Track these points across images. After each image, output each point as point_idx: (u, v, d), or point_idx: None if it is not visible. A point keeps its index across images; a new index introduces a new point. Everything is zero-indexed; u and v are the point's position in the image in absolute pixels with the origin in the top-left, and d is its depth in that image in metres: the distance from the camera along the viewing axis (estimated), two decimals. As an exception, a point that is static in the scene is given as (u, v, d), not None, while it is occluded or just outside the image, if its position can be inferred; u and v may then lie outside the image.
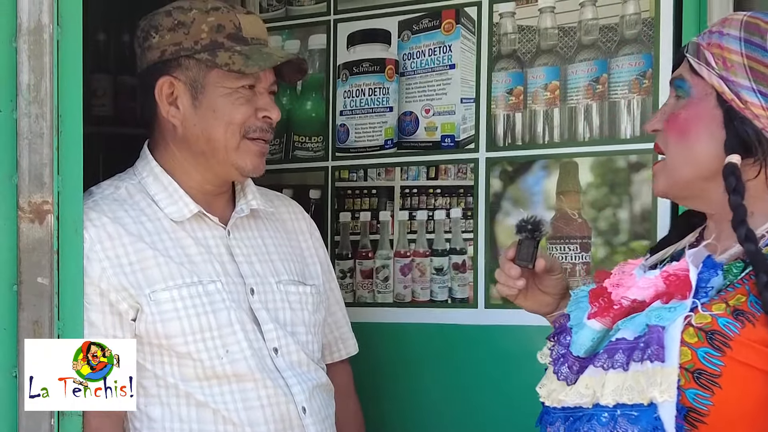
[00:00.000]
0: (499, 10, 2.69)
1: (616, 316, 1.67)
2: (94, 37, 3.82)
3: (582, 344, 1.69)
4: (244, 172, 2.27)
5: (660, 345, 1.55)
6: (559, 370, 1.70)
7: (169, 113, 2.26)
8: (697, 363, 1.55)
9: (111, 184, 2.29)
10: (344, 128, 2.90)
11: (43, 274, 2.02)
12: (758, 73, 1.67)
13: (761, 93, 1.66)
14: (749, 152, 1.67)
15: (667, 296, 1.63)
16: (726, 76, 1.68)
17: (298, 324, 2.30)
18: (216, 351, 2.18)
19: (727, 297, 1.61)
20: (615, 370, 1.60)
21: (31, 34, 2.01)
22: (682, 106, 1.74)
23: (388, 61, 2.84)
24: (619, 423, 1.58)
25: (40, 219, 2.02)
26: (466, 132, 2.73)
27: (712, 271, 1.63)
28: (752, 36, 1.69)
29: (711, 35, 1.73)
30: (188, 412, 2.17)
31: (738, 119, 1.67)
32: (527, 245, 1.88)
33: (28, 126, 2.02)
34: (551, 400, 1.70)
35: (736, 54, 1.68)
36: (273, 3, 3.01)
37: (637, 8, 2.51)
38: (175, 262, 2.19)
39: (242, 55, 2.23)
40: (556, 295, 1.94)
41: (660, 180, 1.76)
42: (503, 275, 1.92)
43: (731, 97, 1.67)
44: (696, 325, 1.57)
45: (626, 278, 1.70)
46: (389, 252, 2.83)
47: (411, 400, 2.77)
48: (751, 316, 1.57)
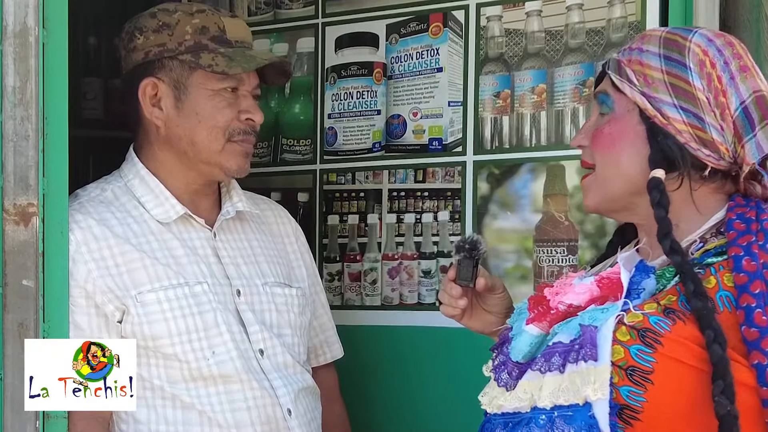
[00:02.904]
0: (487, 14, 2.69)
1: (553, 321, 1.69)
2: (85, 40, 3.82)
3: (520, 350, 1.71)
4: (229, 173, 2.27)
5: (593, 344, 1.57)
6: (499, 377, 1.72)
7: (152, 114, 2.26)
8: (629, 360, 1.57)
9: (97, 187, 2.29)
10: (332, 131, 2.90)
11: (28, 277, 2.02)
12: (679, 89, 1.70)
13: (683, 109, 1.69)
14: (673, 167, 1.70)
15: (602, 300, 1.65)
16: (648, 92, 1.71)
17: (284, 326, 2.31)
18: (202, 352, 2.18)
19: (658, 297, 1.64)
20: (552, 373, 1.62)
21: (17, 36, 2.02)
22: (606, 121, 1.76)
23: (376, 65, 2.85)
24: (557, 424, 1.59)
25: (25, 221, 2.02)
26: (453, 135, 2.73)
27: (644, 274, 1.66)
28: (671, 52, 1.71)
29: (631, 52, 1.75)
30: (174, 414, 2.17)
31: (661, 135, 1.70)
32: (466, 265, 1.91)
33: (13, 128, 2.02)
34: (492, 407, 1.71)
35: (656, 70, 1.71)
36: (261, 6, 3.01)
37: (623, 12, 2.52)
38: (161, 264, 2.20)
39: (225, 56, 2.23)
40: (500, 314, 1.95)
41: (590, 195, 1.79)
42: (446, 296, 1.94)
43: (654, 113, 1.70)
44: (628, 324, 1.59)
45: (565, 287, 1.72)
46: (377, 255, 2.84)
47: (399, 403, 2.78)
48: (681, 314, 1.60)
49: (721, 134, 1.69)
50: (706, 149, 1.69)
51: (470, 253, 1.91)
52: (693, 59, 1.70)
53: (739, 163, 1.70)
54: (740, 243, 1.63)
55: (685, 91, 1.69)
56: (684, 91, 1.69)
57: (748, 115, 1.68)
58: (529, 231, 2.64)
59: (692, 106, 1.69)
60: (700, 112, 1.69)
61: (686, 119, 1.69)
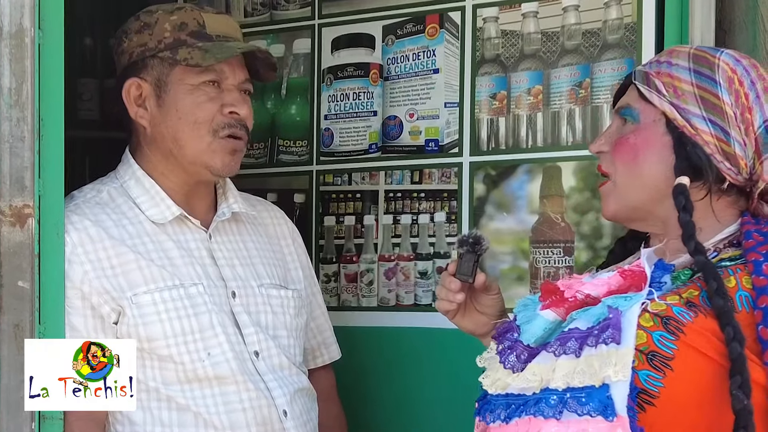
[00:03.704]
0: (483, 15, 2.69)
1: (570, 308, 1.72)
2: (81, 41, 3.82)
3: (534, 333, 1.73)
4: (215, 171, 2.26)
5: (617, 328, 1.61)
6: (506, 360, 1.73)
7: (138, 114, 2.26)
8: (651, 345, 1.62)
9: (93, 188, 2.29)
10: (329, 132, 2.90)
11: (24, 278, 2.02)
12: (709, 102, 1.75)
13: (711, 121, 1.75)
14: (699, 176, 1.75)
15: (621, 292, 1.69)
16: (677, 103, 1.77)
17: (279, 328, 2.31)
18: (198, 354, 2.18)
19: (680, 291, 1.68)
20: (567, 356, 1.64)
21: (12, 37, 2.02)
22: (630, 130, 1.81)
23: (372, 66, 2.85)
24: (569, 404, 1.61)
25: (21, 222, 2.02)
26: (450, 136, 2.73)
27: (664, 271, 1.70)
28: (701, 68, 1.78)
29: (660, 65, 1.81)
30: (169, 416, 2.17)
31: (690, 144, 1.75)
32: (468, 259, 1.92)
33: (9, 130, 2.02)
34: (495, 387, 1.73)
35: (686, 83, 1.77)
36: (258, 7, 3.01)
37: (619, 13, 2.52)
38: (156, 265, 2.19)
39: (202, 50, 2.23)
40: (492, 316, 1.98)
41: (610, 203, 1.83)
42: (443, 290, 1.97)
43: (683, 123, 1.76)
44: (651, 311, 1.64)
45: (576, 282, 1.75)
46: (374, 256, 2.84)
47: (395, 404, 2.78)
48: (703, 309, 1.65)
49: (744, 149, 1.75)
50: (728, 162, 1.75)
51: (473, 247, 1.92)
52: (722, 75, 1.77)
53: (755, 179, 1.77)
54: (760, 250, 1.69)
55: (714, 105, 1.75)
56: (713, 104, 1.76)
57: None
58: (526, 232, 2.65)
59: (720, 119, 1.75)
60: (727, 126, 1.75)
61: (713, 132, 1.75)
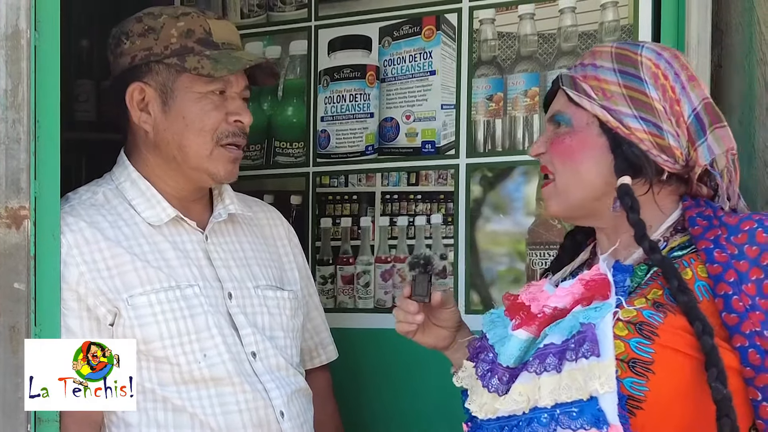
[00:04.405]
0: (480, 17, 2.69)
1: (541, 324, 1.76)
2: (77, 43, 3.83)
3: (511, 354, 1.77)
4: (217, 179, 2.27)
5: (593, 341, 1.65)
6: (488, 383, 1.78)
7: (140, 119, 2.26)
8: (630, 353, 1.66)
9: (88, 190, 2.29)
10: (325, 134, 2.90)
11: (19, 280, 2.02)
12: (638, 101, 1.82)
13: (643, 119, 1.81)
14: (638, 173, 1.81)
15: (587, 300, 1.73)
16: (608, 105, 1.83)
17: (276, 328, 2.31)
18: (194, 355, 2.18)
19: (644, 292, 1.73)
20: (548, 373, 1.68)
21: (8, 39, 2.02)
22: (565, 132, 1.87)
23: (368, 68, 2.85)
24: (561, 421, 1.65)
25: (16, 224, 2.02)
26: (446, 138, 2.73)
27: (624, 274, 1.76)
28: (626, 67, 1.84)
29: (585, 68, 1.87)
30: (165, 417, 2.17)
31: (626, 144, 1.81)
32: (422, 280, 1.99)
33: (5, 131, 2.02)
34: (485, 412, 1.77)
35: (614, 84, 1.83)
36: (254, 9, 3.01)
37: (616, 15, 2.52)
38: (152, 267, 2.19)
39: (211, 59, 2.23)
40: (451, 328, 2.05)
41: (552, 204, 1.89)
42: (401, 312, 2.02)
43: (616, 124, 1.82)
44: (624, 319, 1.68)
45: (539, 293, 1.80)
46: (370, 258, 2.84)
47: (391, 406, 2.77)
48: (670, 306, 1.70)
49: (677, 140, 1.82)
50: (665, 155, 1.81)
51: (425, 268, 2.00)
52: (647, 72, 1.83)
53: (691, 165, 1.83)
54: (708, 237, 1.74)
55: (643, 103, 1.82)
56: (642, 102, 1.82)
57: (699, 120, 1.82)
58: (522, 234, 2.65)
59: (651, 115, 1.81)
60: (658, 120, 1.81)
61: (646, 128, 1.81)
